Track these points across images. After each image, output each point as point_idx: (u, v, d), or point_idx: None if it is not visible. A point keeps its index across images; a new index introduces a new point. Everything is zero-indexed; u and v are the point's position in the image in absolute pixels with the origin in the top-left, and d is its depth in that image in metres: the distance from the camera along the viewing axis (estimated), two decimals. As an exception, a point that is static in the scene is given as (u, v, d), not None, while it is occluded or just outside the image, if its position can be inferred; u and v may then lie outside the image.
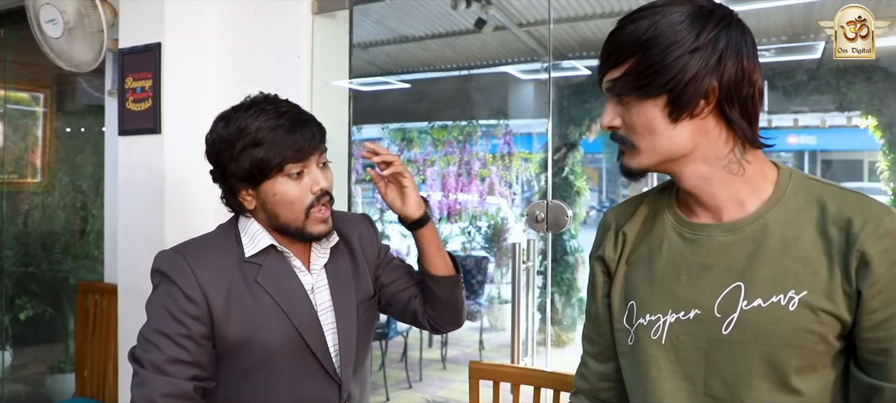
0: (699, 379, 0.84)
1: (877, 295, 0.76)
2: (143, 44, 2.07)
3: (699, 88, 0.80)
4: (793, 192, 0.84)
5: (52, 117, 4.25)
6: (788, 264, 0.80)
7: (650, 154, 0.85)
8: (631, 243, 0.96)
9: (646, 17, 0.81)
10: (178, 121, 2.07)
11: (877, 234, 0.76)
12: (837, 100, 4.86)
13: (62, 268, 3.63)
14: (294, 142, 1.07)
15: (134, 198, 2.11)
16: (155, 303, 1.11)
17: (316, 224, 1.12)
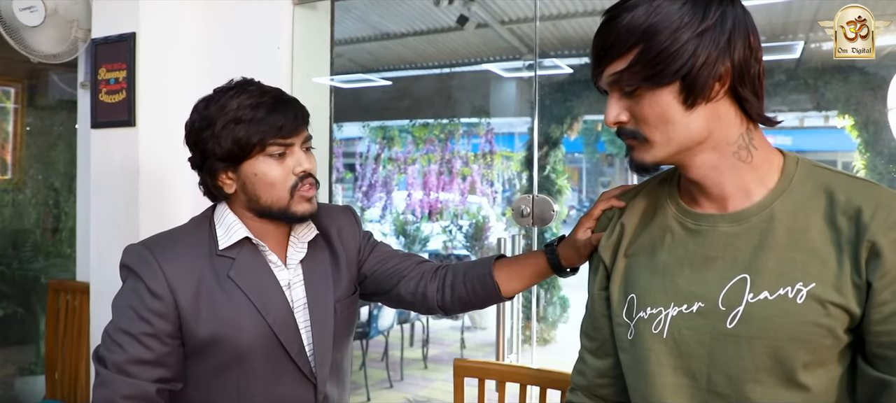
0: (702, 375, 0.82)
1: (887, 286, 0.74)
2: (117, 34, 2.01)
3: (713, 71, 0.77)
4: (800, 181, 0.82)
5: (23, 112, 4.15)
6: (796, 255, 0.78)
7: (665, 145, 0.81)
8: (630, 234, 0.93)
9: (642, 3, 0.77)
10: (153, 113, 2.01)
11: (888, 224, 0.74)
12: (815, 100, 4.91)
13: (33, 267, 3.53)
14: (276, 121, 1.04)
15: (107, 193, 2.04)
16: (120, 300, 1.06)
17: (300, 202, 1.08)
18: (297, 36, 2.04)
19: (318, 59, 2.17)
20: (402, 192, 6.64)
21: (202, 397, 1.07)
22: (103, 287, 2.06)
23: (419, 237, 6.49)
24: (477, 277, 1.17)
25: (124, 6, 1.99)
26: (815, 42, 4.76)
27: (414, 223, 6.50)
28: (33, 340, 3.56)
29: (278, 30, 2.00)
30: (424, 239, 6.42)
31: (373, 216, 6.76)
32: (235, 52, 2.06)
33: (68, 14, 2.25)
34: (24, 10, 2.26)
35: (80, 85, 2.42)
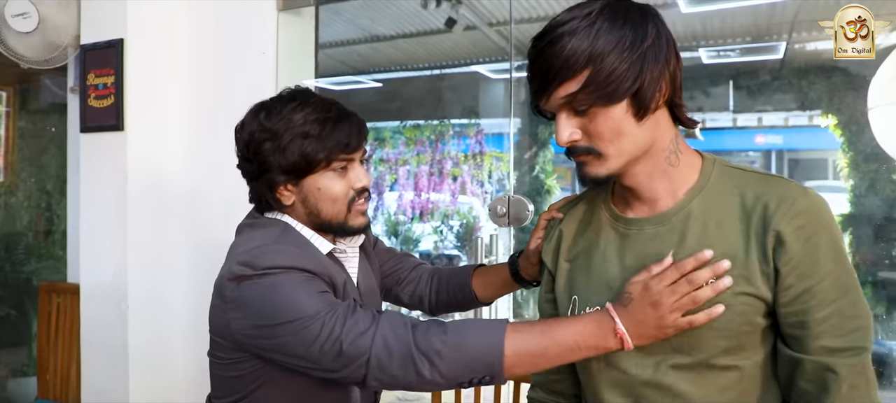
0: (632, 367, 0.88)
1: (792, 271, 0.80)
2: (105, 40, 2.05)
3: (657, 85, 0.82)
4: (715, 180, 0.88)
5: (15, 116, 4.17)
6: (711, 251, 0.83)
7: (618, 157, 0.85)
8: (568, 240, 0.99)
9: (581, 29, 0.80)
10: (141, 118, 2.06)
11: (791, 213, 0.80)
12: (799, 100, 4.99)
13: (26, 270, 3.57)
14: (343, 136, 1.05)
15: (96, 196, 2.09)
16: (286, 286, 1.00)
17: (357, 216, 1.10)
18: (281, 40, 2.09)
19: (303, 63, 2.22)
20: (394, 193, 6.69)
21: (280, 383, 1.07)
22: (93, 287, 2.10)
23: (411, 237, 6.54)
24: (457, 285, 1.25)
25: (112, 13, 2.04)
26: (798, 42, 4.83)
27: (405, 223, 6.54)
28: (26, 342, 3.59)
29: (263, 35, 2.06)
30: (416, 240, 6.47)
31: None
32: (221, 57, 2.11)
33: (59, 21, 2.29)
34: (17, 17, 2.30)
35: (70, 89, 2.46)
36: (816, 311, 0.80)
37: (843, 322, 0.80)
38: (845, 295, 0.81)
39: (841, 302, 0.80)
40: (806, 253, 0.80)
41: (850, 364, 0.79)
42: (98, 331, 2.10)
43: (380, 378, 0.92)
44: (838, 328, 0.80)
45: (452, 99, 6.24)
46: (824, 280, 0.80)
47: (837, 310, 0.80)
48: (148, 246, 2.06)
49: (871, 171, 4.61)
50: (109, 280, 2.05)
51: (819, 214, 0.81)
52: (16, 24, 2.32)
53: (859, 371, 0.79)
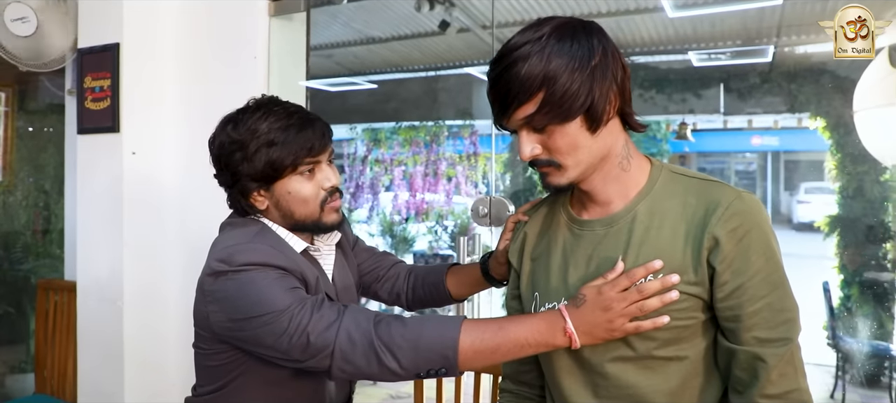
0: (586, 357, 0.95)
1: (727, 268, 0.86)
2: (102, 44, 2.11)
3: (606, 97, 0.88)
4: (661, 185, 0.94)
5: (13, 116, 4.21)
6: (651, 251, 0.90)
7: (576, 167, 0.91)
8: (532, 240, 1.05)
9: (534, 53, 0.85)
10: (136, 120, 2.11)
11: (726, 216, 0.87)
12: (789, 102, 5.05)
13: (24, 268, 3.61)
14: (306, 141, 1.10)
15: (93, 195, 2.15)
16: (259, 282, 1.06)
17: (330, 213, 1.16)
18: (273, 45, 2.14)
19: (295, 67, 2.27)
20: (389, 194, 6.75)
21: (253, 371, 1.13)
22: (90, 284, 2.16)
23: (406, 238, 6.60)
24: (432, 283, 1.31)
25: (109, 18, 2.10)
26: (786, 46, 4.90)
27: (400, 223, 6.60)
28: (24, 339, 3.63)
29: (255, 40, 2.11)
30: (411, 240, 6.54)
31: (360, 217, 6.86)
32: (214, 61, 2.17)
33: (56, 25, 2.35)
34: (16, 21, 2.37)
35: (68, 92, 2.52)
36: (748, 305, 0.86)
37: (772, 315, 0.86)
38: (775, 290, 0.87)
39: (770, 297, 0.86)
40: (739, 252, 0.86)
41: (778, 353, 0.85)
42: (94, 327, 2.16)
43: (344, 369, 0.98)
44: (768, 321, 0.86)
45: (447, 100, 6.31)
46: (755, 277, 0.86)
47: (767, 305, 0.86)
48: (142, 244, 2.12)
49: (858, 173, 4.67)
50: (105, 277, 2.11)
51: (752, 216, 0.87)
52: (15, 29, 2.38)
53: (787, 359, 0.86)
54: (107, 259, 2.10)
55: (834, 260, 4.77)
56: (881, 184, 4.60)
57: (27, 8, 2.35)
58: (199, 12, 2.17)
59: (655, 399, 0.90)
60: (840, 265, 4.72)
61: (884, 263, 4.60)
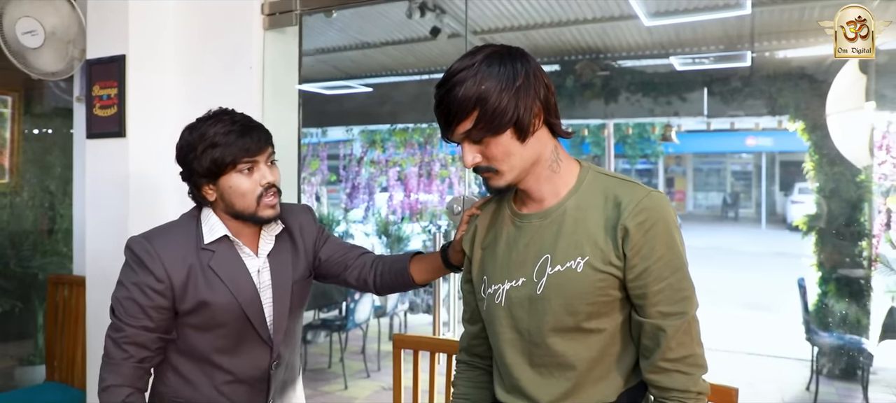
0: (524, 330, 1.10)
1: (636, 254, 1.02)
2: (109, 55, 2.28)
3: (532, 113, 1.04)
4: (588, 184, 1.10)
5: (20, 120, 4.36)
6: (577, 239, 1.06)
7: (511, 171, 1.07)
8: (482, 231, 1.22)
9: (468, 78, 1.01)
10: (141, 125, 2.28)
11: (635, 211, 1.03)
12: (769, 105, 5.22)
13: (32, 265, 3.77)
14: (244, 144, 1.30)
15: (101, 195, 2.31)
16: (127, 279, 1.34)
17: (265, 209, 1.35)
18: (267, 56, 2.31)
19: (288, 75, 2.43)
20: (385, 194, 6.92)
21: (185, 346, 1.36)
22: (98, 279, 2.32)
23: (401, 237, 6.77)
24: (398, 270, 1.48)
25: (116, 31, 2.26)
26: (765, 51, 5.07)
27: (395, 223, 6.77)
28: (32, 334, 3.80)
29: (251, 51, 2.28)
30: (406, 239, 6.71)
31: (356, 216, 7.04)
32: (213, 71, 2.33)
33: (65, 36, 2.52)
34: (26, 34, 2.54)
35: (76, 99, 2.68)
36: (653, 285, 1.03)
37: (672, 294, 1.03)
38: (675, 273, 1.03)
39: (671, 278, 1.03)
40: (645, 241, 1.02)
41: (676, 325, 1.02)
42: (102, 318, 2.31)
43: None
44: (669, 298, 1.03)
45: (441, 103, 6.46)
46: (659, 262, 1.02)
47: (668, 285, 1.03)
48: (147, 240, 2.29)
49: (835, 174, 4.83)
50: (112, 270, 2.25)
51: (657, 212, 1.03)
52: (25, 41, 2.55)
53: (684, 329, 1.03)
54: (114, 253, 2.25)
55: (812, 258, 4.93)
56: (857, 184, 4.76)
57: (35, 22, 2.52)
58: (199, 26, 2.34)
59: (579, 364, 1.07)
60: (817, 263, 4.89)
61: (859, 260, 4.76)
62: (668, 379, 1.03)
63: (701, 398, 1.04)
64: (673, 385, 1.03)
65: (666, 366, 1.03)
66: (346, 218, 6.77)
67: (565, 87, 5.78)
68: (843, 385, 4.47)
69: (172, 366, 1.38)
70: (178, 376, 1.38)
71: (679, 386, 1.03)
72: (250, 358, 1.39)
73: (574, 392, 1.07)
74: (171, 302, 1.32)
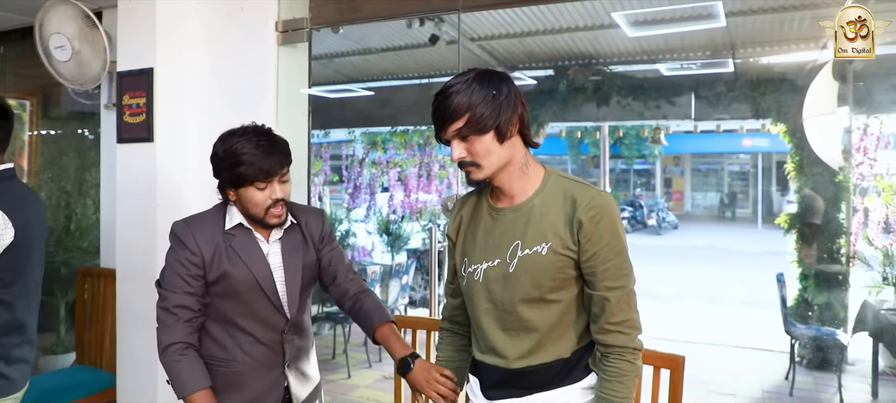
0: (498, 301, 1.35)
1: (587, 241, 1.27)
2: (138, 68, 2.52)
3: (510, 120, 1.29)
4: (551, 185, 1.35)
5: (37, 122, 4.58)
6: (542, 228, 1.31)
7: (489, 167, 1.31)
8: (465, 221, 1.46)
9: (463, 89, 1.27)
10: (167, 131, 2.53)
11: (587, 208, 1.27)
12: (753, 109, 5.46)
13: (55, 260, 4.00)
14: (263, 167, 1.54)
15: (131, 194, 2.56)
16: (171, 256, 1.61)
17: (271, 217, 1.62)
18: (281, 67, 2.56)
19: (299, 83, 2.68)
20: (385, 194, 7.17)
21: (213, 312, 1.63)
22: (128, 270, 2.57)
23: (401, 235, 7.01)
24: (365, 324, 1.71)
25: (144, 46, 2.51)
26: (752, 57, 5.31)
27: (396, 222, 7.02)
28: (54, 326, 4.02)
29: (266, 63, 2.53)
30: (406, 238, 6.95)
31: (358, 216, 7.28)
32: (232, 81, 2.58)
33: (88, 54, 2.77)
34: (58, 49, 2.79)
35: (105, 106, 2.93)
36: (600, 266, 1.27)
37: (615, 272, 1.28)
38: (617, 256, 1.28)
39: (614, 260, 1.28)
40: (595, 230, 1.27)
41: (618, 295, 1.27)
42: (132, 306, 2.57)
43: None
44: (613, 275, 1.28)
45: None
46: (606, 247, 1.27)
47: (613, 265, 1.27)
48: (171, 235, 2.54)
49: (814, 174, 5.07)
50: (141, 262, 2.52)
51: (605, 209, 1.28)
52: (57, 54, 2.81)
53: (624, 300, 1.28)
54: (143, 247, 2.51)
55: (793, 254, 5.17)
56: (835, 184, 5.00)
57: (64, 38, 2.77)
58: (219, 42, 2.58)
59: (541, 328, 1.32)
60: (798, 259, 5.13)
61: (837, 257, 5.00)
62: (611, 338, 1.28)
63: (636, 352, 1.29)
64: (615, 342, 1.28)
65: (609, 328, 1.28)
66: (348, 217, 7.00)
67: (559, 91, 6.02)
68: (820, 375, 4.70)
69: (205, 330, 1.64)
70: (210, 338, 1.64)
71: (619, 344, 1.28)
72: (267, 323, 1.65)
73: (536, 349, 1.33)
74: (203, 272, 1.59)
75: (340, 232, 6.85)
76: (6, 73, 4.11)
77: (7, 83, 4.22)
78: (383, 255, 7.08)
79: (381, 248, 7.17)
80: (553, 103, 6.06)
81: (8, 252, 1.65)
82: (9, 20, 3.32)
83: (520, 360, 1.34)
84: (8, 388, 1.73)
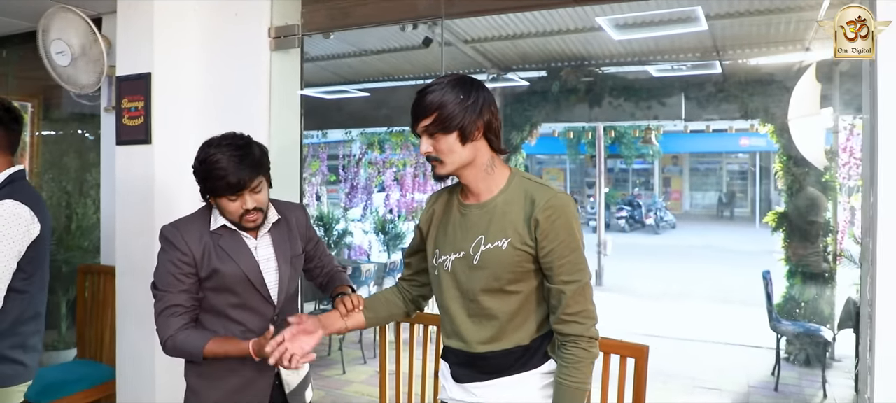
0: (463, 290, 1.46)
1: (544, 238, 1.37)
2: (137, 73, 2.62)
3: (475, 125, 1.39)
4: (513, 186, 1.44)
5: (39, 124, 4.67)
6: (503, 225, 1.41)
7: (451, 164, 1.42)
8: (437, 215, 1.56)
9: (436, 91, 1.39)
10: (164, 133, 2.62)
11: (544, 208, 1.37)
12: (742, 109, 5.55)
13: (56, 259, 4.09)
14: (230, 182, 1.61)
15: (129, 194, 2.66)
16: (163, 257, 1.71)
17: (247, 223, 1.71)
18: (274, 71, 2.66)
19: (291, 85, 2.77)
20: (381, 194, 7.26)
21: (207, 305, 1.72)
22: (127, 266, 2.67)
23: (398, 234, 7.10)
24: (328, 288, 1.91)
25: (142, 52, 2.61)
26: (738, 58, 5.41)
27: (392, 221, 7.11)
28: (56, 322, 4.12)
29: (259, 68, 2.63)
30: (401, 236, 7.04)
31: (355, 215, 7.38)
32: (227, 87, 2.68)
33: (90, 57, 2.86)
34: (58, 54, 2.89)
35: (104, 109, 3.03)
36: (557, 261, 1.37)
37: (571, 266, 1.37)
38: (573, 252, 1.37)
39: (570, 256, 1.37)
40: (551, 229, 1.36)
41: (573, 288, 1.37)
42: (131, 302, 2.66)
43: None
44: (569, 270, 1.37)
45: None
46: (561, 244, 1.37)
47: (568, 261, 1.37)
48: (169, 234, 2.63)
49: (801, 174, 5.16)
50: (140, 259, 2.61)
51: (560, 209, 1.37)
52: (58, 59, 2.90)
53: (579, 291, 1.37)
54: (141, 245, 2.61)
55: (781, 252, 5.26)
56: (822, 183, 5.09)
57: (64, 44, 2.87)
58: (214, 48, 2.68)
59: (502, 316, 1.42)
60: (786, 257, 5.22)
61: (824, 255, 5.08)
62: (568, 328, 1.38)
63: (592, 341, 1.38)
64: (571, 331, 1.37)
65: (566, 318, 1.38)
66: (345, 216, 7.10)
67: (551, 92, 6.11)
68: (805, 370, 4.80)
69: (200, 322, 1.74)
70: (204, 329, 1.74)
71: (575, 332, 1.37)
72: (257, 312, 1.75)
73: (498, 336, 1.43)
74: (195, 270, 1.69)
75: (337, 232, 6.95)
76: (8, 76, 4.21)
77: (10, 85, 4.31)
78: (380, 254, 7.18)
79: (378, 248, 7.26)
80: (546, 104, 6.16)
81: (32, 245, 1.81)
82: (10, 25, 3.42)
83: (482, 345, 1.44)
84: (23, 375, 1.85)
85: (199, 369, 1.72)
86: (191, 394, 1.74)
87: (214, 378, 1.71)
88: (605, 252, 9.15)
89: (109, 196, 2.97)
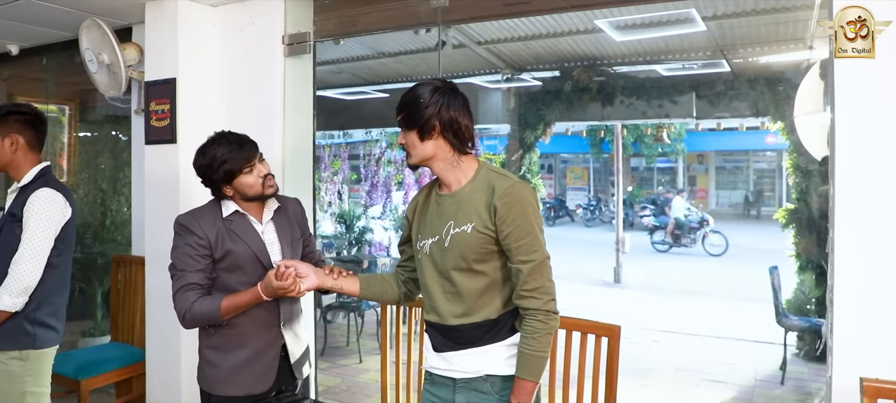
0: (439, 269, 1.63)
1: (502, 223, 1.53)
2: (163, 78, 2.86)
3: (431, 123, 1.56)
4: (479, 177, 1.61)
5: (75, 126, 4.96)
6: (469, 212, 1.58)
7: (415, 156, 1.61)
8: (420, 205, 1.74)
9: (411, 91, 1.58)
10: (188, 133, 2.85)
11: (502, 195, 1.54)
12: (752, 107, 5.61)
13: (93, 251, 4.38)
14: (242, 155, 1.87)
15: (157, 189, 2.90)
16: (179, 241, 1.91)
17: (268, 189, 1.93)
18: (288, 76, 2.86)
19: (304, 88, 2.97)
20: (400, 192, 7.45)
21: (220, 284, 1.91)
22: (155, 256, 2.91)
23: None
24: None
25: (168, 59, 2.84)
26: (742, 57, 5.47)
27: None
28: (92, 312, 4.40)
29: (274, 73, 2.84)
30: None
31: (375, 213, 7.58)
32: (245, 89, 2.90)
33: (118, 64, 3.10)
34: (90, 61, 3.13)
35: (134, 111, 3.27)
36: (514, 243, 1.53)
37: (527, 248, 1.53)
38: (528, 235, 1.53)
39: (526, 239, 1.53)
40: (508, 214, 1.53)
41: (530, 267, 1.52)
42: (158, 289, 2.90)
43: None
44: (525, 251, 1.53)
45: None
46: (518, 228, 1.53)
47: (524, 243, 1.53)
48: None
49: (811, 170, 5.20)
50: (166, 250, 2.82)
51: (516, 196, 1.53)
52: (90, 66, 3.15)
53: (537, 269, 1.53)
54: (167, 237, 2.80)
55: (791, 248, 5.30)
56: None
57: (92, 53, 3.12)
58: (233, 56, 2.91)
59: (470, 293, 1.59)
60: (796, 253, 5.26)
61: (833, 251, 5.10)
62: (527, 302, 1.54)
63: (549, 314, 1.54)
64: (529, 306, 1.54)
65: (524, 294, 1.54)
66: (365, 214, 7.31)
67: (564, 92, 6.24)
68: (814, 365, 4.85)
69: None
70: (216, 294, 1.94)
71: (533, 306, 1.53)
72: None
73: (468, 312, 1.61)
74: (210, 251, 1.89)
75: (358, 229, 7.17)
76: (48, 81, 4.50)
77: (49, 90, 4.61)
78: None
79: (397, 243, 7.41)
80: (559, 103, 6.29)
81: (65, 226, 2.10)
82: (50, 35, 3.69)
83: (455, 318, 1.61)
84: (56, 339, 2.14)
85: (212, 341, 1.92)
86: (206, 365, 1.95)
87: (227, 350, 1.91)
88: (623, 249, 9.21)
89: (140, 192, 3.21)
